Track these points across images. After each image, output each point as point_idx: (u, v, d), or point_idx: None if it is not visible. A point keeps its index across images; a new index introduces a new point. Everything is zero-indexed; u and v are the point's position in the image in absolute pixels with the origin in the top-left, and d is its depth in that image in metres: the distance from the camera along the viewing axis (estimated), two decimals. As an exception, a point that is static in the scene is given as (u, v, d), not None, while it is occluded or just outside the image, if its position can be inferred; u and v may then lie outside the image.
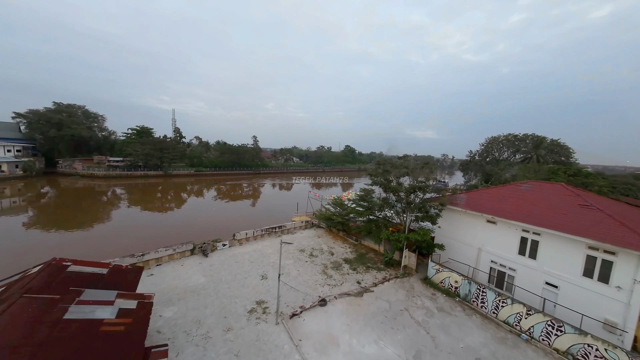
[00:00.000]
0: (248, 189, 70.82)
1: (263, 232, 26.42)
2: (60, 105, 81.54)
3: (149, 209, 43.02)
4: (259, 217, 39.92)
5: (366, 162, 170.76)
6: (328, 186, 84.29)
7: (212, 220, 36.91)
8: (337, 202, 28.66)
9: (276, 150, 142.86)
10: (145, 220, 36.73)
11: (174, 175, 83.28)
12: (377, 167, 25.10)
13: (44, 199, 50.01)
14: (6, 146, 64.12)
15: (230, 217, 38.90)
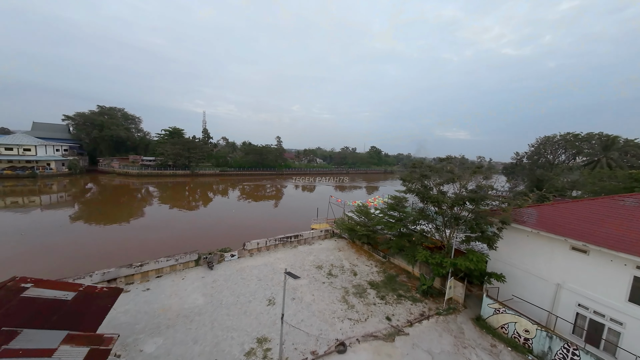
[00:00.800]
0: (270, 189, 69.37)
1: (277, 241, 23.46)
2: (103, 108, 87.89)
3: (168, 208, 42.82)
4: (275, 220, 37.38)
5: (393, 164, 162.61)
6: (352, 189, 79.96)
7: (227, 222, 35.09)
8: (362, 210, 24.72)
9: (300, 151, 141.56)
10: (161, 219, 36.06)
11: (200, 175, 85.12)
12: (412, 171, 20.78)
13: (86, 195, 52.92)
14: (55, 146, 69.83)
15: (246, 219, 36.85)
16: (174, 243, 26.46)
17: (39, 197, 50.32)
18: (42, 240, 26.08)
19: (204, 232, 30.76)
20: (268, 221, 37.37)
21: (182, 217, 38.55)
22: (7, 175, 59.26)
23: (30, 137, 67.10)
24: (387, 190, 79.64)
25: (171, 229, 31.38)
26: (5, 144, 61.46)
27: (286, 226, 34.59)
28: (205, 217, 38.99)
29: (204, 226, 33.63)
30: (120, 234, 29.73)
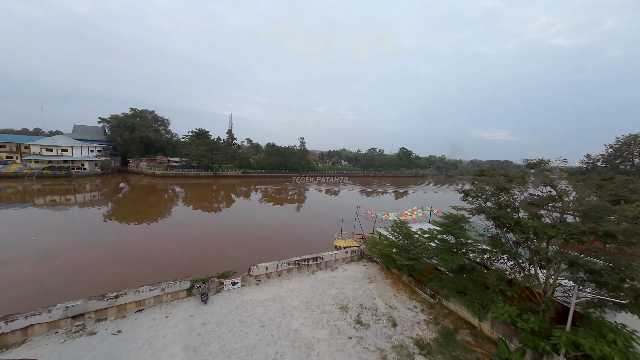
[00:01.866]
0: (292, 192, 65.58)
1: (290, 265, 18.73)
2: (136, 110, 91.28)
3: (183, 211, 40.51)
4: (292, 230, 32.85)
5: (424, 166, 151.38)
6: (378, 194, 73.23)
7: (240, 231, 31.28)
8: (400, 229, 19.02)
9: (324, 153, 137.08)
10: (172, 224, 33.37)
11: (222, 176, 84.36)
12: (478, 180, 14.83)
13: (114, 195, 53.52)
14: (90, 147, 73.04)
15: (260, 228, 32.80)
16: (178, 255, 23.07)
17: (73, 195, 52.17)
18: (52, 245, 24.25)
19: (213, 242, 27.17)
20: (285, 230, 32.96)
21: (194, 221, 35.69)
22: (46, 175, 62.48)
23: (68, 139, 70.76)
24: (418, 197, 72.10)
25: (178, 238, 28.27)
26: (46, 145, 65.09)
27: (304, 239, 29.86)
28: (218, 223, 35.77)
29: (215, 234, 30.16)
30: (123, 239, 27.26)
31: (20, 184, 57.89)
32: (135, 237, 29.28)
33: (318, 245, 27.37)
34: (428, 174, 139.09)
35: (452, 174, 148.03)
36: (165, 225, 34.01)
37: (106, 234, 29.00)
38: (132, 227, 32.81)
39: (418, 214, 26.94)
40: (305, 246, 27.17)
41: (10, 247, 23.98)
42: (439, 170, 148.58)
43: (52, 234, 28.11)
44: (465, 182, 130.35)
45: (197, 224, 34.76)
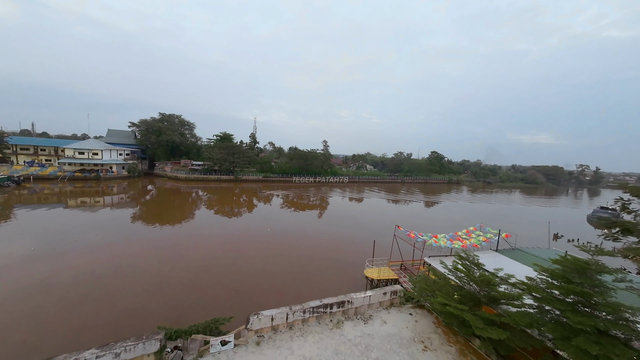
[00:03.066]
0: (314, 199, 60.50)
1: (306, 313, 13.21)
2: (164, 115, 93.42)
3: (195, 219, 37.12)
4: (312, 248, 27.38)
5: (458, 172, 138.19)
6: (406, 202, 65.20)
7: (246, 249, 26.52)
8: (469, 267, 12.57)
9: (347, 157, 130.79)
10: (177, 235, 29.71)
11: (243, 180, 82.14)
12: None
13: (140, 198, 52.88)
14: (119, 150, 74.85)
15: (274, 243, 27.82)
16: (156, 281, 18.66)
17: (102, 198, 52.74)
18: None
19: (212, 264, 22.61)
20: (304, 247, 27.62)
21: (199, 232, 31.81)
22: (77, 177, 64.34)
23: (99, 142, 73.10)
24: (452, 207, 63.12)
25: (171, 255, 24.21)
26: (78, 149, 67.41)
27: (327, 259, 24.20)
28: (227, 234, 31.51)
29: (219, 250, 25.71)
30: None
31: (54, 186, 60.02)
32: (119, 251, 25.83)
33: (344, 272, 21.53)
34: (463, 180, 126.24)
35: (491, 180, 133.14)
36: (162, 235, 30.50)
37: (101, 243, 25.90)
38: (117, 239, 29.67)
39: (479, 239, 19.98)
40: (327, 273, 21.51)
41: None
42: (476, 176, 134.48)
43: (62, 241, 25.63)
44: (507, 189, 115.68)
45: (202, 236, 30.78)
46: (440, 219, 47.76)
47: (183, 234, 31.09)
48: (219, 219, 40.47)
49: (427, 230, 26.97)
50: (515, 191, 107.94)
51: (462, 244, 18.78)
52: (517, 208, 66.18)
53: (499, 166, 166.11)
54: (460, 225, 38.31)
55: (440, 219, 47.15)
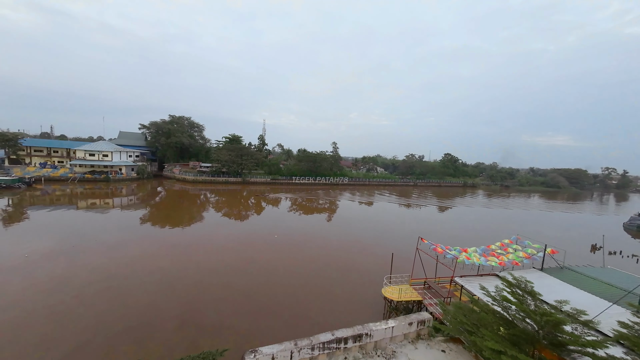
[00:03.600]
0: (323, 202, 58.16)
1: (315, 350, 10.84)
2: (174, 117, 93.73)
3: (191, 228, 35.43)
4: (321, 258, 24.93)
5: (473, 175, 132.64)
6: (418, 206, 61.78)
7: (250, 260, 24.35)
8: (520, 299, 9.88)
9: (357, 159, 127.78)
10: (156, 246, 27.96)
11: (251, 183, 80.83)
12: None
13: (149, 200, 52.26)
14: (129, 152, 75.05)
15: (280, 252, 25.60)
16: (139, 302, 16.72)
17: (111, 199, 52.44)
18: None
19: (210, 278, 20.58)
20: (312, 258, 25.27)
21: (199, 238, 29.99)
22: (87, 179, 64.60)
23: (109, 144, 73.53)
24: (469, 213, 57.68)
25: (156, 267, 22.36)
26: (89, 150, 67.83)
27: (338, 270, 21.72)
28: (230, 240, 29.52)
29: (219, 261, 23.70)
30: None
31: (65, 187, 60.35)
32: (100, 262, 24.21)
33: (357, 289, 19.07)
34: (479, 183, 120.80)
35: (508, 184, 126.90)
36: (171, 236, 28.83)
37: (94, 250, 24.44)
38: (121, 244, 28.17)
39: (517, 254, 17.07)
40: (338, 289, 19.07)
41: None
42: (492, 179, 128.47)
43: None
44: (526, 193, 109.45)
45: (206, 240, 28.93)
46: (461, 227, 43.92)
47: (190, 237, 30.59)
48: (224, 223, 38.77)
49: (451, 241, 24.24)
50: (534, 195, 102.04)
51: (499, 261, 15.98)
52: (540, 215, 61.57)
53: (516, 169, 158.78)
54: (483, 235, 35.35)
55: (462, 227, 43.46)
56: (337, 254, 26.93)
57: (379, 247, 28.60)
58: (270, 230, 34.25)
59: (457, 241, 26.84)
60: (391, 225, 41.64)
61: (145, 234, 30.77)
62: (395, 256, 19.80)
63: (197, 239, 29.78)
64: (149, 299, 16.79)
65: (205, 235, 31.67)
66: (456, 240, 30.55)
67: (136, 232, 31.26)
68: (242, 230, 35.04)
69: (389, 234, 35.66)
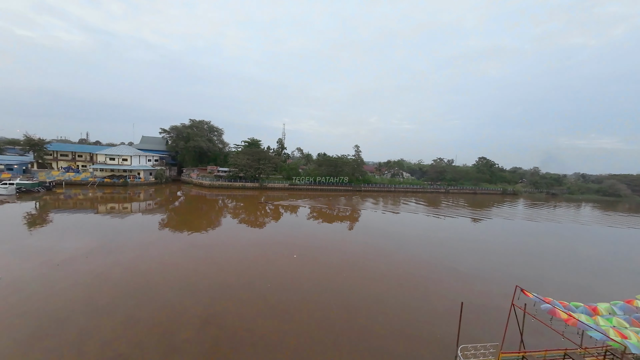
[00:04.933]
0: (345, 211, 51.86)
1: None
2: (194, 121, 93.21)
3: (194, 240, 30.97)
4: (350, 297, 18.67)
5: (512, 181, 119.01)
6: (444, 217, 53.00)
7: (259, 297, 18.85)
8: None
9: (381, 163, 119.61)
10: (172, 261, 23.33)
11: (268, 188, 76.78)
12: None
13: (166, 205, 49.86)
14: (147, 156, 74.51)
15: (296, 284, 19.82)
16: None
17: (130, 204, 51.09)
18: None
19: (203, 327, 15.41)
20: (340, 300, 19.09)
21: (221, 245, 25.16)
22: (106, 183, 64.19)
23: (130, 148, 73.43)
24: (539, 232, 43.77)
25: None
26: (110, 155, 67.78)
27: (374, 340, 15.32)
28: (239, 265, 24.31)
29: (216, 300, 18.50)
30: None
31: (85, 192, 60.13)
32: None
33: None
34: (520, 190, 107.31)
35: (555, 191, 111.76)
36: (189, 240, 24.32)
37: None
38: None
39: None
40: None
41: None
42: (536, 186, 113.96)
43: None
44: (576, 202, 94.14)
45: (219, 247, 23.98)
46: (541, 255, 31.56)
47: (208, 240, 30.94)
48: (241, 228, 34.08)
49: (528, 274, 16.86)
50: (585, 205, 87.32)
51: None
52: (607, 232, 50.18)
53: (563, 175, 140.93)
54: (590, 274, 25.92)
55: (542, 256, 31.17)
56: (374, 293, 20.46)
57: (429, 281, 21.80)
58: (287, 246, 28.70)
59: (547, 282, 19.49)
60: (439, 246, 33.42)
61: (164, 237, 31.07)
62: (469, 301, 13.08)
63: (215, 242, 29.89)
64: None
65: (223, 239, 31.28)
66: (545, 280, 22.93)
67: (156, 235, 31.61)
68: (257, 244, 29.89)
69: (439, 259, 28.03)
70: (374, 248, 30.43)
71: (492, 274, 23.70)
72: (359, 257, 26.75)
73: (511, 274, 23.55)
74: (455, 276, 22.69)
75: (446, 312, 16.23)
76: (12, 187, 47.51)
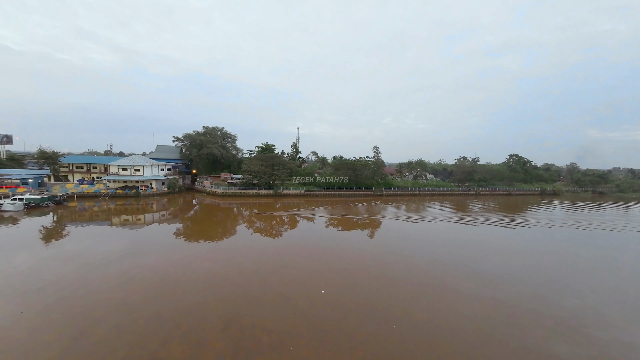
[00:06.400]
0: (370, 220, 45.98)
1: None
2: (207, 128, 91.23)
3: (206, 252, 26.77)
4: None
5: (550, 179, 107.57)
6: (474, 225, 45.32)
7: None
8: None
9: (401, 164, 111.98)
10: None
11: (283, 195, 72.34)
12: None
13: (177, 215, 46.76)
14: (160, 165, 72.50)
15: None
16: None
17: (143, 215, 49.22)
18: None
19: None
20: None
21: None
22: (118, 195, 62.36)
23: (143, 158, 71.83)
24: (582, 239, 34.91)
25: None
26: (122, 165, 66.21)
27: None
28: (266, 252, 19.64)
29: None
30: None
31: (97, 204, 58.49)
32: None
33: None
34: (561, 190, 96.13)
35: (603, 190, 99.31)
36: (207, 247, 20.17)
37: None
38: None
39: None
40: None
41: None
42: (579, 184, 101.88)
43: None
44: (625, 202, 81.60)
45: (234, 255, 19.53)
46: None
47: (227, 246, 31.91)
48: (253, 239, 29.45)
49: None
50: (635, 205, 75.67)
51: None
52: None
53: (607, 170, 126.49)
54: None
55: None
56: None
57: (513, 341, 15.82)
58: (306, 242, 23.51)
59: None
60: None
61: (181, 245, 31.58)
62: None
63: (233, 247, 30.89)
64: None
65: (240, 246, 31.52)
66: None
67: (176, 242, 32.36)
68: (276, 243, 25.04)
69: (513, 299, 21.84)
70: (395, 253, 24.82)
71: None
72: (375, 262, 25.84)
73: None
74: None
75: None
76: (20, 202, 45.85)
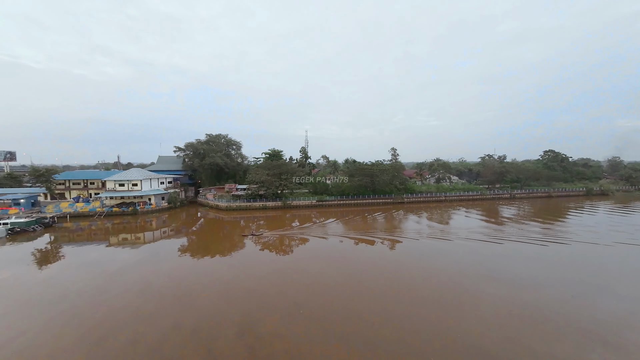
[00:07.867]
0: (399, 237, 37.70)
1: None
2: (210, 136, 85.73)
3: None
4: None
5: (593, 177, 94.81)
6: (516, 237, 35.68)
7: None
8: None
9: (421, 165, 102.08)
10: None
11: (293, 207, 65.19)
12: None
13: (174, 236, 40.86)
14: (160, 179, 67.24)
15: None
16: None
17: (142, 234, 46.56)
18: None
19: None
20: None
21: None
22: (115, 213, 57.29)
23: (141, 171, 66.85)
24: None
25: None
26: (118, 180, 61.29)
27: None
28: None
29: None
30: None
31: (93, 224, 53.64)
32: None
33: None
34: (610, 189, 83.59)
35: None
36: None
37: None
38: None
39: None
40: None
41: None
42: (630, 181, 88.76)
43: None
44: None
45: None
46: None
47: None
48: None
49: None
50: None
51: None
52: None
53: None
54: None
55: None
56: None
57: None
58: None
59: None
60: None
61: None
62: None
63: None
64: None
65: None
66: None
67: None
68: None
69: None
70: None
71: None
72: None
73: None
74: None
75: None
76: (3, 228, 40.88)
